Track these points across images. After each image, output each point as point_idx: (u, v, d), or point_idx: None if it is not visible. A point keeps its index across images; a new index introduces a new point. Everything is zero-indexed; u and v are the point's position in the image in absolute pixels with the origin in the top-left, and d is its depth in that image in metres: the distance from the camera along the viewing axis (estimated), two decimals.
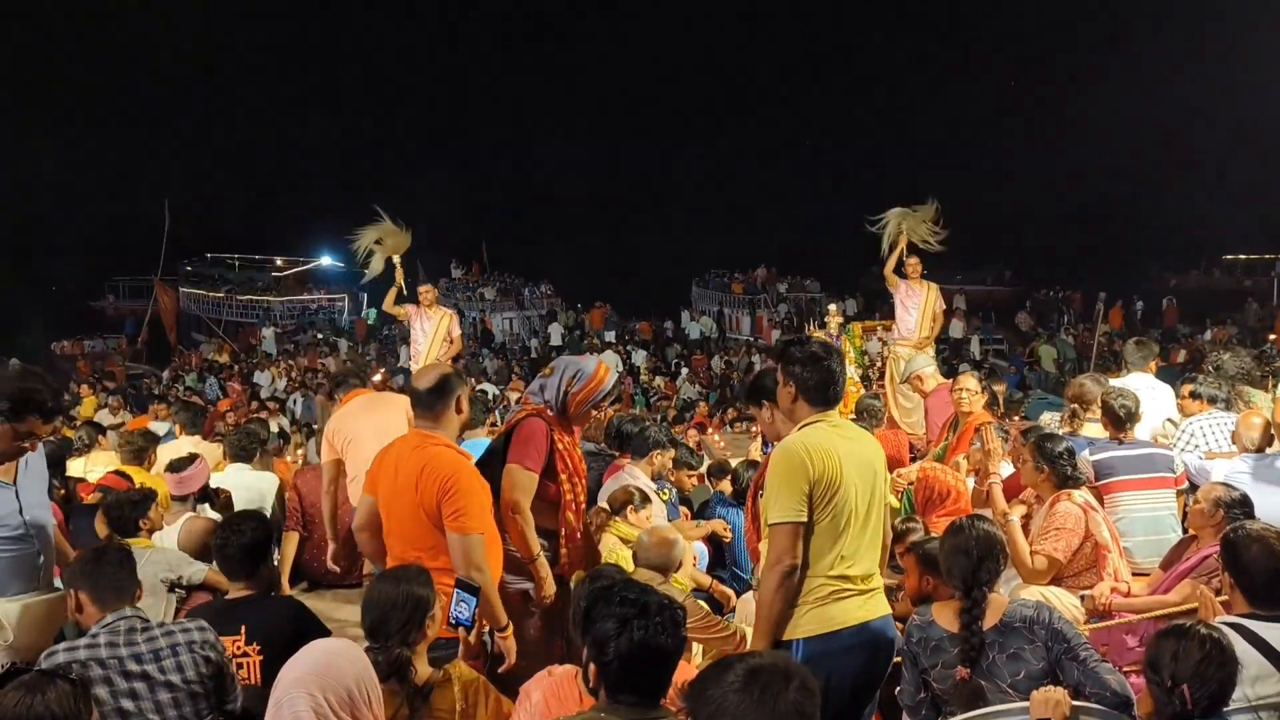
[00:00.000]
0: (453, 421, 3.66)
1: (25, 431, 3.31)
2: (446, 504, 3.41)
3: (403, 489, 3.50)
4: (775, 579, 2.99)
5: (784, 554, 2.99)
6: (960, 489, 5.23)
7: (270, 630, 3.44)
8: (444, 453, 3.54)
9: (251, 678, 3.36)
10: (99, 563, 3.06)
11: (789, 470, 3.03)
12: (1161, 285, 30.88)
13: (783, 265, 34.00)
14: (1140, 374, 6.34)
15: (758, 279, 32.93)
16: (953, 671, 3.01)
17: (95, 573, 3.04)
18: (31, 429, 3.32)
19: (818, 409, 3.21)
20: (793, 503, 3.00)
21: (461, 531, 3.40)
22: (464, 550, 3.39)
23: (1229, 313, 25.30)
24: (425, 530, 3.48)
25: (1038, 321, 28.56)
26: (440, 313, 10.06)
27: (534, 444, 3.80)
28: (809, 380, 3.20)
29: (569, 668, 2.83)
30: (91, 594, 3.02)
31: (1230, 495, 4.04)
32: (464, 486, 3.45)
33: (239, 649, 3.40)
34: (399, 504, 3.53)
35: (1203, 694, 2.56)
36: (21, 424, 3.28)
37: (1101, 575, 4.17)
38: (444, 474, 3.44)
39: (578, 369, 4.00)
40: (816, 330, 11.71)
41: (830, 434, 3.14)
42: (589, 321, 30.67)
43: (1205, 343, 19.80)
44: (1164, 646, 2.66)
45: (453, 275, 34.96)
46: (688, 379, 21.69)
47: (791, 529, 3.00)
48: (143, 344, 30.41)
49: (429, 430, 3.61)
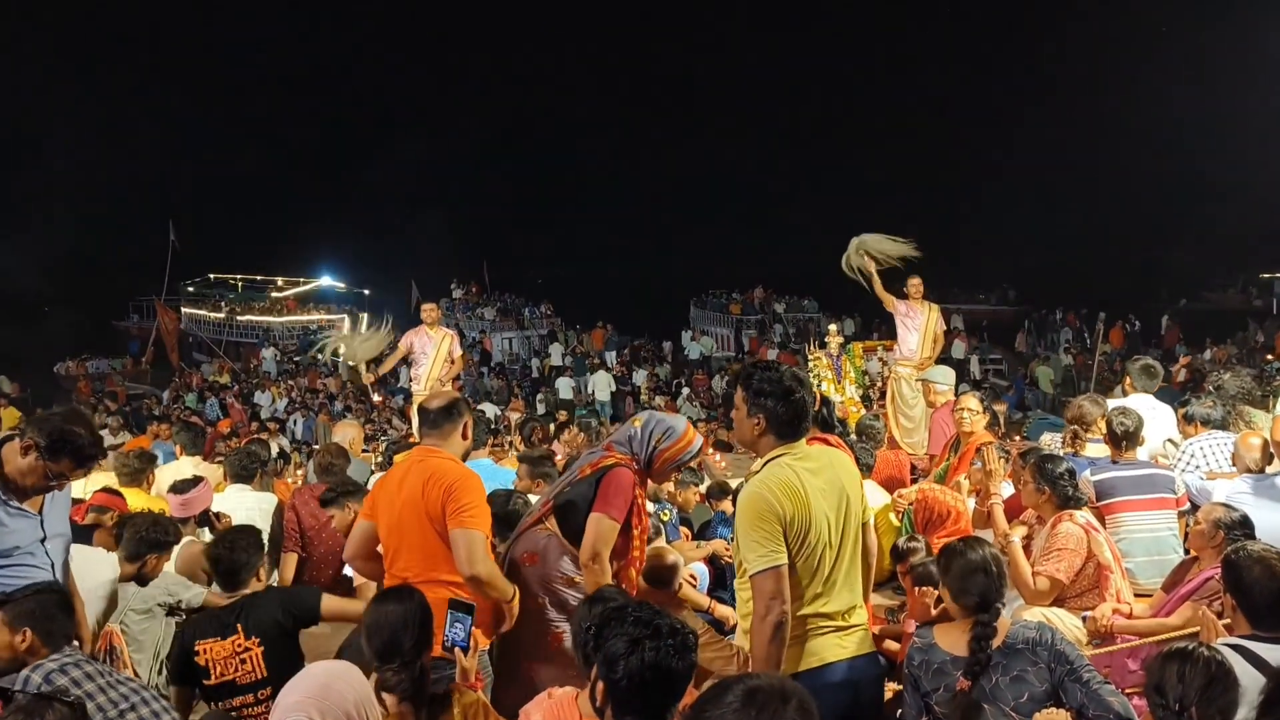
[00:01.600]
0: (458, 444, 3.73)
1: (57, 472, 3.35)
2: (450, 502, 3.45)
3: (409, 500, 3.53)
4: (769, 630, 2.87)
5: (774, 601, 2.88)
6: (960, 510, 5.22)
7: (263, 621, 3.66)
8: (447, 462, 3.60)
9: (256, 670, 3.57)
10: (56, 606, 3.16)
11: (759, 515, 2.95)
12: (1171, 304, 30.61)
13: (780, 285, 34.10)
14: (1140, 395, 6.34)
15: (755, 299, 32.98)
16: (956, 695, 3.00)
17: (50, 615, 3.11)
18: (63, 470, 3.36)
19: (785, 441, 3.11)
20: (771, 547, 2.91)
21: (464, 527, 3.43)
22: (467, 545, 3.41)
23: (1232, 332, 25.26)
24: (435, 541, 3.50)
25: (1036, 342, 28.59)
26: (442, 333, 10.07)
27: (622, 495, 3.71)
28: (781, 415, 3.08)
29: (569, 690, 2.81)
30: (43, 636, 3.07)
31: (1230, 516, 4.02)
32: (467, 487, 3.50)
33: (240, 646, 3.60)
34: (406, 517, 3.55)
35: (1208, 717, 2.55)
36: (56, 464, 3.31)
37: (1104, 596, 4.16)
38: (449, 479, 3.50)
39: (668, 427, 3.92)
40: (817, 350, 11.71)
41: (795, 468, 3.03)
42: (590, 341, 30.70)
43: (1205, 362, 19.79)
44: (1168, 669, 2.64)
45: (453, 295, 35.05)
46: (688, 399, 21.69)
47: (775, 574, 2.90)
48: (147, 364, 30.46)
49: (434, 447, 3.68)
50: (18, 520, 3.38)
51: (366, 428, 17.26)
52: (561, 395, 23.18)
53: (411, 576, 3.51)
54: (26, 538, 3.40)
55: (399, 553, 3.59)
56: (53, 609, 3.13)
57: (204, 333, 33.83)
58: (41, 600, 3.14)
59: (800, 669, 2.97)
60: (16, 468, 3.33)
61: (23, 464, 3.31)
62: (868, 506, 3.29)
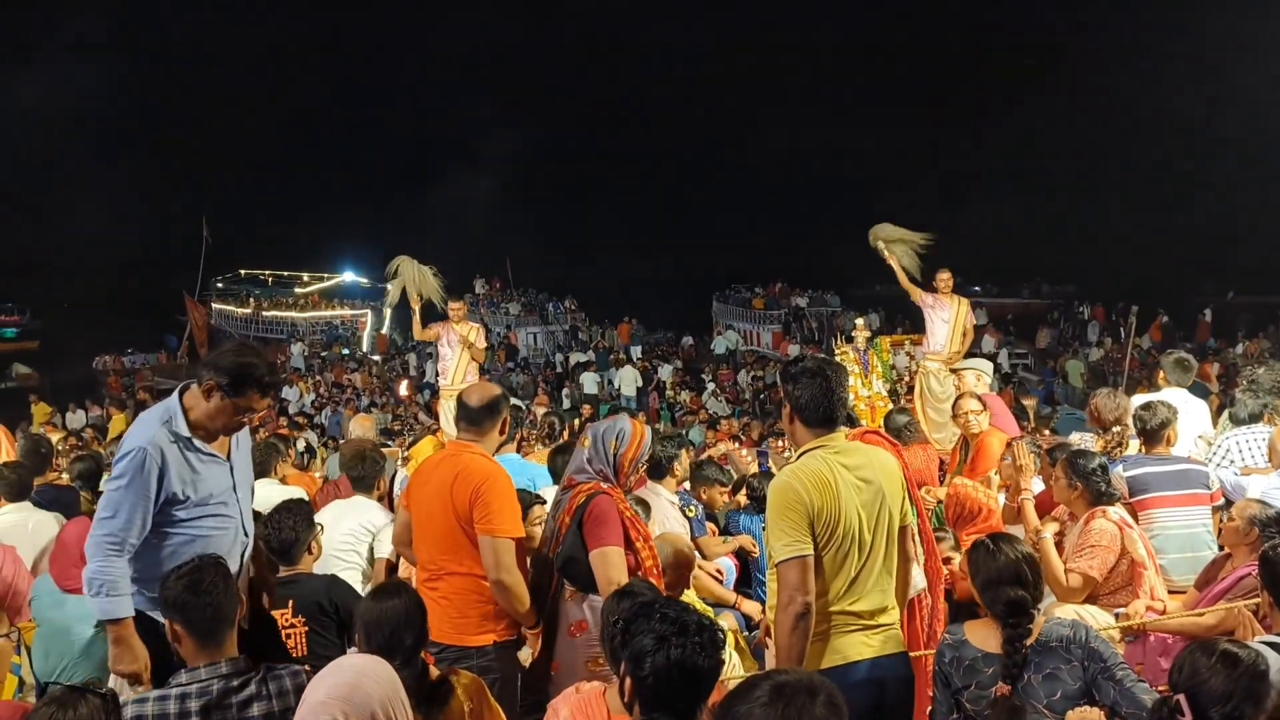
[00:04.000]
0: (494, 439, 3.77)
1: (245, 406, 3.32)
2: (478, 508, 3.48)
3: (436, 495, 3.58)
4: (790, 620, 2.87)
5: (796, 592, 2.88)
6: (991, 506, 5.17)
7: (308, 601, 3.87)
8: (477, 460, 3.63)
9: (299, 648, 3.76)
10: (196, 591, 2.84)
11: (786, 505, 2.95)
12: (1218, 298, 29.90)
13: (803, 279, 33.92)
14: (1173, 389, 6.25)
15: (777, 294, 32.85)
16: (988, 692, 2.96)
17: (192, 604, 2.83)
18: (250, 403, 3.33)
19: (816, 430, 3.08)
20: (796, 536, 2.91)
21: (492, 534, 3.47)
22: (494, 553, 3.46)
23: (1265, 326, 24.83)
24: (458, 536, 3.53)
25: (1060, 337, 28.25)
26: (468, 327, 10.16)
27: (610, 522, 3.59)
28: (801, 398, 3.07)
29: (596, 685, 2.80)
30: (187, 628, 2.83)
31: (1266, 513, 3.97)
32: (496, 490, 3.52)
33: (287, 621, 3.81)
34: (433, 511, 3.60)
35: (1223, 712, 2.50)
36: (241, 399, 3.28)
37: (1137, 593, 4.10)
38: (477, 480, 3.52)
39: (618, 429, 3.79)
40: (843, 345, 11.62)
41: (828, 461, 3.01)
42: (616, 337, 30.68)
43: (1238, 357, 19.51)
44: (1176, 661, 2.61)
45: (476, 291, 35.17)
46: (713, 394, 21.63)
47: (800, 564, 2.89)
48: (183, 358, 30.80)
49: (469, 441, 3.72)
50: (210, 466, 3.36)
51: (394, 423, 17.37)
52: (586, 390, 23.19)
53: (437, 566, 3.58)
54: (220, 484, 3.40)
55: (425, 542, 3.65)
56: (192, 598, 2.82)
57: (232, 328, 34.17)
58: (184, 585, 2.84)
59: (824, 666, 2.95)
60: (204, 412, 3.30)
61: (210, 407, 3.28)
62: (908, 511, 3.23)
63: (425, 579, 3.65)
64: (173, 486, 3.20)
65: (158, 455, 3.18)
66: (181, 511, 3.25)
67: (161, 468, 3.18)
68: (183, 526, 3.26)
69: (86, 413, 21.23)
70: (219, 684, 2.73)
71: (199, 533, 3.28)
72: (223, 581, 2.90)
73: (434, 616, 3.40)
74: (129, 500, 3.14)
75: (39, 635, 4.31)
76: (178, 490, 3.22)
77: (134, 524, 3.14)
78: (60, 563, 4.42)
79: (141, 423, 3.33)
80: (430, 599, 3.49)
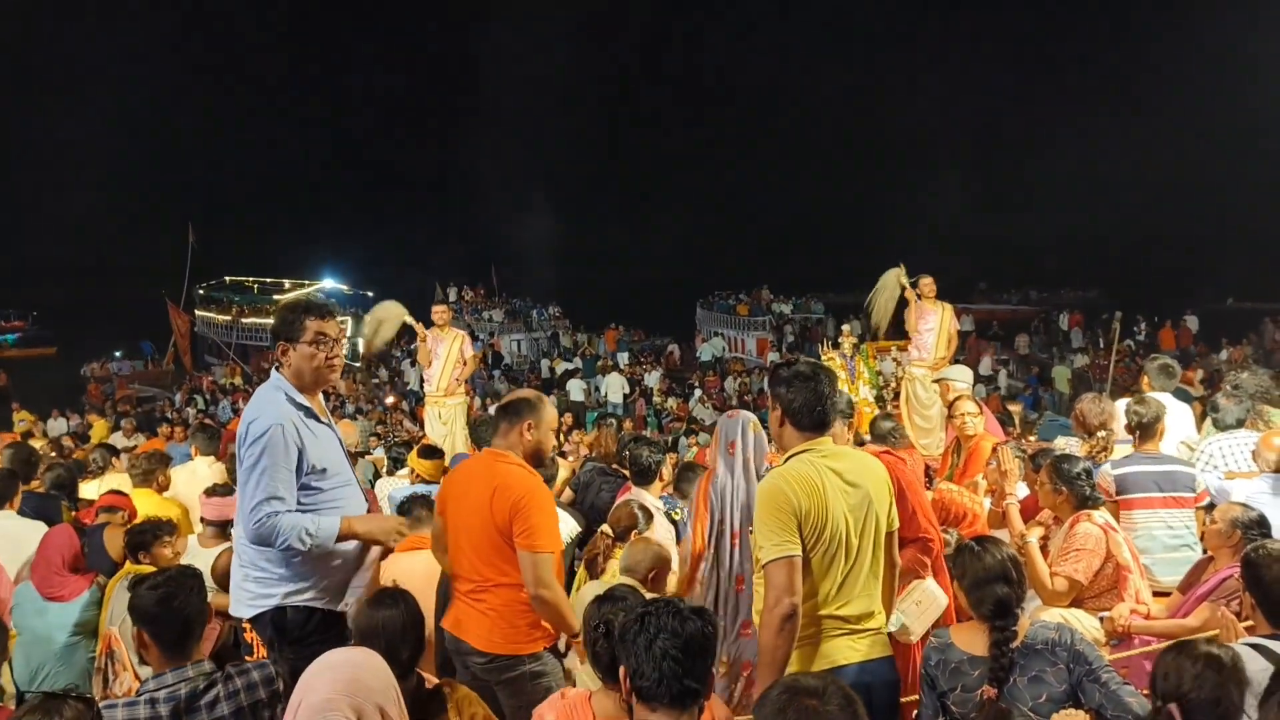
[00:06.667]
0: (516, 444, 3.69)
1: (314, 339, 3.35)
2: (518, 522, 3.45)
3: (476, 507, 3.53)
4: (776, 621, 2.87)
5: (783, 593, 2.87)
6: (977, 511, 5.17)
7: None
8: (516, 471, 3.58)
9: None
10: (168, 604, 2.81)
11: (774, 506, 2.95)
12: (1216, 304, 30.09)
13: (787, 286, 34.01)
14: (1158, 394, 6.28)
15: (762, 300, 32.91)
16: (973, 695, 2.96)
17: (161, 617, 2.80)
18: (318, 333, 3.36)
19: (805, 434, 3.09)
20: (784, 537, 2.91)
21: (532, 550, 3.44)
22: (534, 568, 3.43)
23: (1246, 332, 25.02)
24: (497, 547, 3.50)
25: (1044, 344, 28.41)
26: (453, 334, 10.10)
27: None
28: (792, 402, 3.08)
29: (582, 690, 2.81)
30: (155, 639, 2.82)
31: (1248, 515, 4.00)
32: (535, 504, 3.49)
33: None
34: (471, 522, 3.56)
35: (1203, 714, 2.52)
36: (305, 336, 3.33)
37: (1122, 596, 4.11)
38: (517, 493, 3.48)
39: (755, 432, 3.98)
40: (830, 351, 11.65)
41: (816, 465, 3.01)
42: (603, 343, 30.65)
43: (1222, 362, 19.65)
44: (1159, 666, 2.65)
45: (463, 297, 35.12)
46: (700, 400, 21.64)
47: (787, 564, 2.89)
48: (167, 365, 30.65)
49: (502, 450, 3.67)
50: (323, 430, 3.38)
51: (379, 429, 17.30)
52: (572, 397, 23.16)
53: (482, 578, 3.53)
54: (336, 452, 3.42)
55: (464, 554, 3.60)
56: (163, 610, 2.81)
57: (213, 335, 33.97)
58: (157, 598, 2.82)
59: (811, 670, 2.94)
60: (295, 373, 3.35)
61: (295, 364, 3.34)
62: (894, 518, 3.24)
63: (469, 590, 3.59)
64: (310, 457, 3.28)
65: (293, 430, 3.25)
66: (321, 482, 3.32)
67: (300, 440, 3.25)
68: (323, 499, 3.33)
69: (68, 420, 21.07)
70: (185, 688, 2.73)
71: (339, 502, 3.36)
72: (196, 594, 2.89)
73: (483, 629, 3.49)
74: (274, 475, 3.20)
75: (20, 643, 4.26)
76: (315, 461, 3.29)
77: (288, 494, 3.21)
78: (42, 571, 4.39)
79: (262, 403, 3.33)
80: (478, 611, 3.53)
